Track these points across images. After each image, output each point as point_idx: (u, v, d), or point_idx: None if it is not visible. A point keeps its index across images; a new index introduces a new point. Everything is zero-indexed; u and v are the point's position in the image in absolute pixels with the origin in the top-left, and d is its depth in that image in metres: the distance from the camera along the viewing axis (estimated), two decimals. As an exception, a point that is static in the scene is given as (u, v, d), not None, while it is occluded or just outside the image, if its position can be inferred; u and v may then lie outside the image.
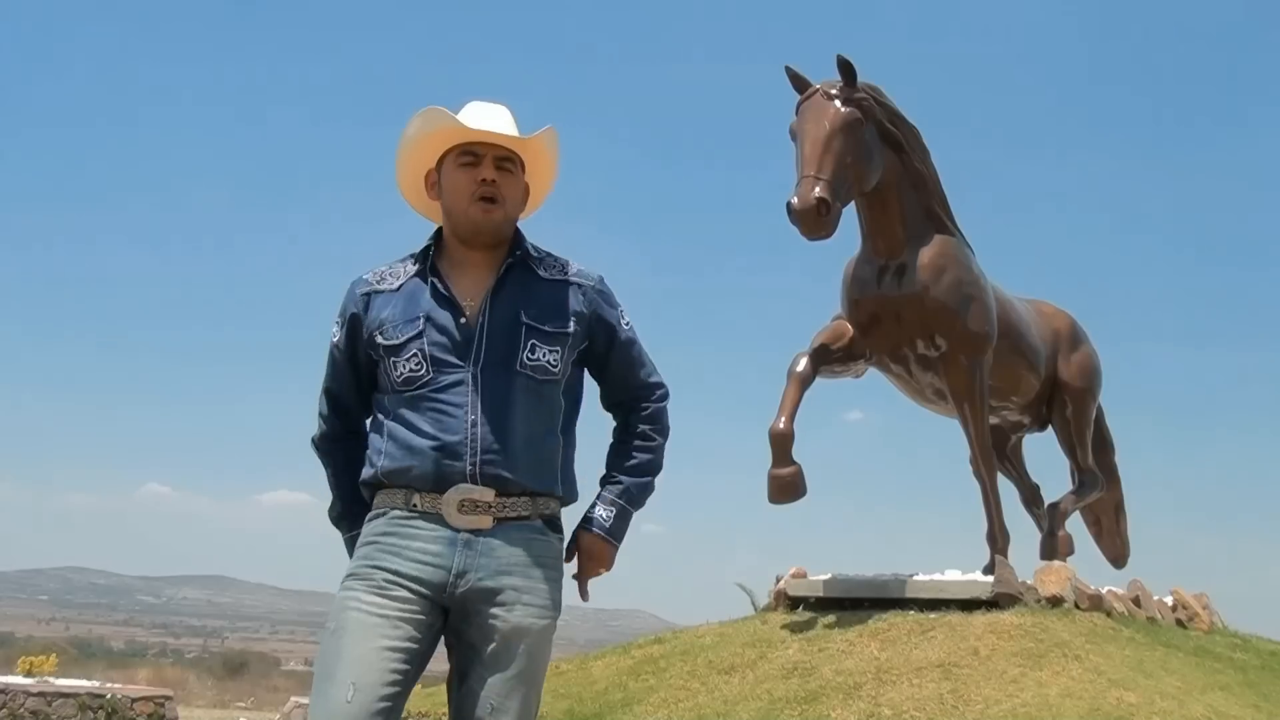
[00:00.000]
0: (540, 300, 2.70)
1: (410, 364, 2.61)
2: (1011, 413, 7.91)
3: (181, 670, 31.60)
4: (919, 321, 6.84)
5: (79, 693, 12.40)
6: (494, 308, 2.65)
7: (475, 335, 2.62)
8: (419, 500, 2.58)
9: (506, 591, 2.55)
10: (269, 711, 19.49)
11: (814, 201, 6.20)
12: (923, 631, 6.28)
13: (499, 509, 2.57)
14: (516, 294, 2.68)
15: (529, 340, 2.64)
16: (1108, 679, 5.42)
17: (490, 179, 2.68)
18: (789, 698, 5.71)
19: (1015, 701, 5.25)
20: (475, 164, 2.69)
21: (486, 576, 2.54)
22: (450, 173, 2.72)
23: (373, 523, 2.64)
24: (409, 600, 2.52)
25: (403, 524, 2.58)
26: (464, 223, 2.69)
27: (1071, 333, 8.09)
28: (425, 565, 2.54)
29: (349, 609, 2.53)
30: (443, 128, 2.71)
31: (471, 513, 2.56)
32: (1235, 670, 6.50)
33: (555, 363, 2.66)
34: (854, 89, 6.59)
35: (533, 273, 2.73)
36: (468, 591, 2.54)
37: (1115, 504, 8.78)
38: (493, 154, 2.70)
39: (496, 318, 2.64)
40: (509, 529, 2.58)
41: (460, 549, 2.54)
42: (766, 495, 6.72)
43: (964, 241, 7.14)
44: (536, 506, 2.63)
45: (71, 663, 21.42)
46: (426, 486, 2.57)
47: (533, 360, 2.63)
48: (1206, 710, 5.21)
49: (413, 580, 2.53)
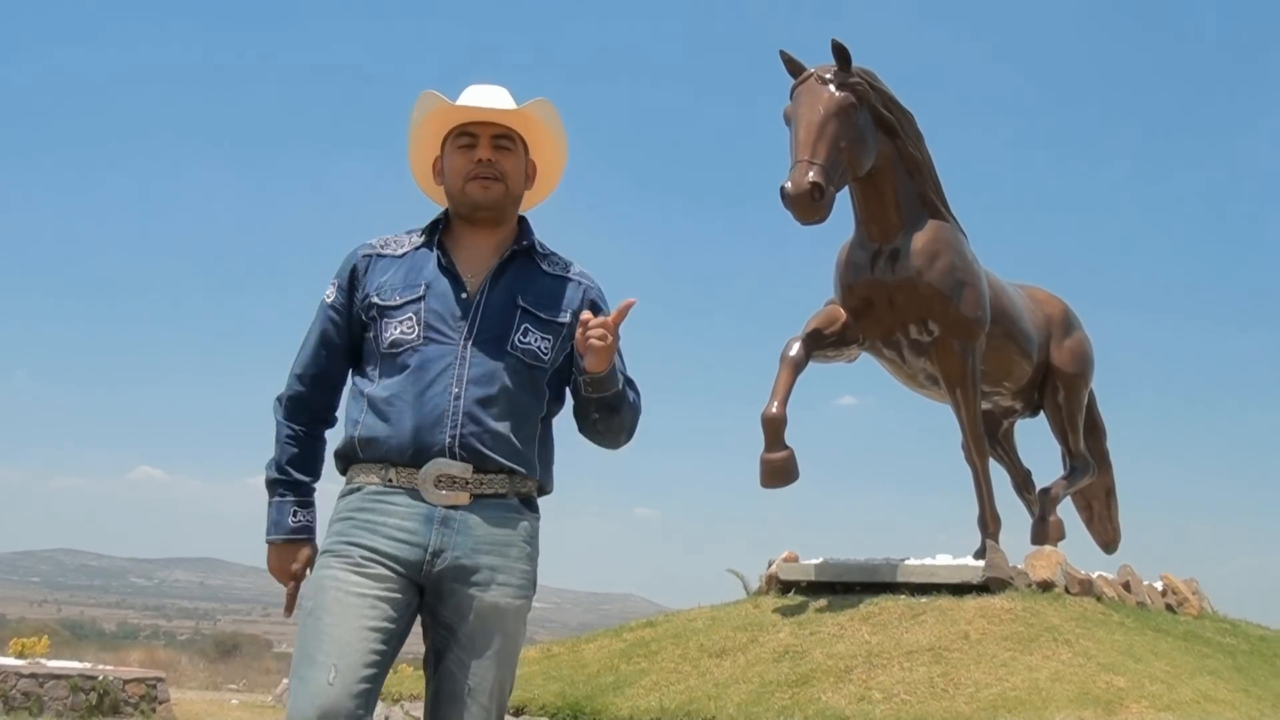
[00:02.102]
0: (539, 288, 2.70)
1: (402, 327, 2.59)
2: (1004, 398, 7.92)
3: (173, 652, 31.56)
4: (912, 306, 6.84)
5: (71, 674, 12.40)
6: (493, 287, 2.65)
7: (471, 310, 2.61)
8: (394, 475, 2.55)
9: (483, 571, 2.53)
10: (261, 693, 19.51)
11: (808, 186, 6.19)
12: (913, 615, 6.30)
13: (476, 485, 2.55)
14: (517, 278, 2.69)
15: (523, 323, 2.63)
16: (1097, 663, 5.44)
17: (486, 158, 2.68)
18: (780, 681, 5.73)
19: (1005, 685, 5.27)
20: (472, 145, 2.70)
21: (463, 555, 2.52)
22: (450, 155, 2.73)
23: (347, 498, 2.61)
24: (386, 579, 2.49)
25: (378, 499, 2.55)
26: (464, 201, 2.70)
27: (1064, 319, 8.10)
28: (402, 543, 2.51)
29: (326, 588, 2.50)
30: (436, 110, 2.72)
31: (449, 488, 2.53)
32: (1224, 655, 6.52)
33: (546, 350, 2.65)
34: (848, 73, 6.58)
35: (536, 264, 2.74)
36: (444, 570, 2.51)
37: (1106, 489, 8.80)
38: (489, 133, 2.70)
39: (494, 297, 2.64)
40: (486, 506, 2.56)
41: (437, 526, 2.52)
42: (759, 479, 6.72)
43: (958, 227, 7.13)
44: (514, 484, 2.60)
45: (63, 645, 21.42)
46: (403, 460, 2.54)
47: (524, 343, 2.62)
48: (1195, 694, 5.23)
49: (389, 558, 2.50)
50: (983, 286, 7.04)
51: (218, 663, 29.67)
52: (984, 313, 6.98)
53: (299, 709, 2.40)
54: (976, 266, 7.09)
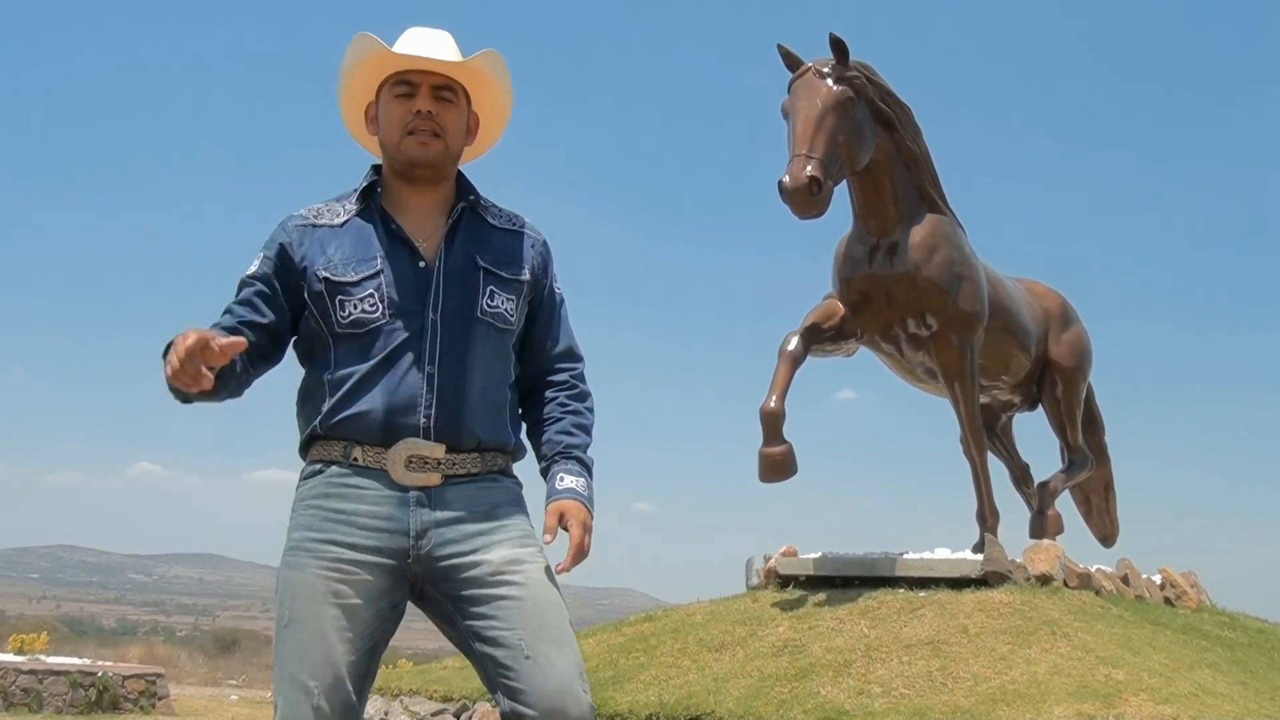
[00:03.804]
0: (494, 246, 2.54)
1: (364, 305, 2.41)
2: (1002, 392, 7.92)
3: (173, 648, 31.59)
4: (910, 300, 6.84)
5: (70, 670, 12.42)
6: (449, 250, 2.48)
7: (434, 279, 2.44)
8: (360, 454, 2.39)
9: (475, 538, 2.39)
10: (260, 689, 19.52)
11: (805, 180, 6.18)
12: (912, 609, 6.30)
13: (448, 466, 2.40)
14: (471, 238, 2.52)
15: (487, 285, 2.48)
16: (1096, 656, 5.45)
17: (426, 109, 2.47)
18: (779, 675, 5.73)
19: (1004, 679, 5.27)
20: (411, 95, 2.49)
21: (448, 531, 2.38)
22: (386, 104, 2.52)
23: (308, 482, 2.44)
24: (367, 578, 2.34)
25: (344, 483, 2.39)
26: (399, 157, 2.50)
27: (1062, 312, 8.10)
28: (380, 532, 2.35)
29: (300, 597, 2.35)
30: (372, 54, 2.50)
31: (419, 470, 2.38)
32: (1223, 648, 6.53)
33: (512, 311, 2.51)
34: (846, 67, 6.57)
35: (484, 220, 2.57)
36: (433, 550, 2.37)
37: (1104, 483, 8.80)
38: (429, 82, 2.49)
39: (453, 262, 2.47)
40: (459, 485, 2.42)
41: (413, 508, 2.37)
42: (757, 474, 6.71)
43: (956, 221, 7.13)
44: (485, 463, 2.46)
45: (63, 641, 21.45)
46: (372, 440, 2.39)
47: (492, 308, 2.47)
48: (1194, 687, 5.24)
49: (371, 552, 2.35)
50: (981, 280, 7.04)
51: (217, 658, 29.70)
52: (982, 306, 6.98)
53: None
54: (975, 260, 7.08)
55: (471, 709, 6.54)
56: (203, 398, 2.35)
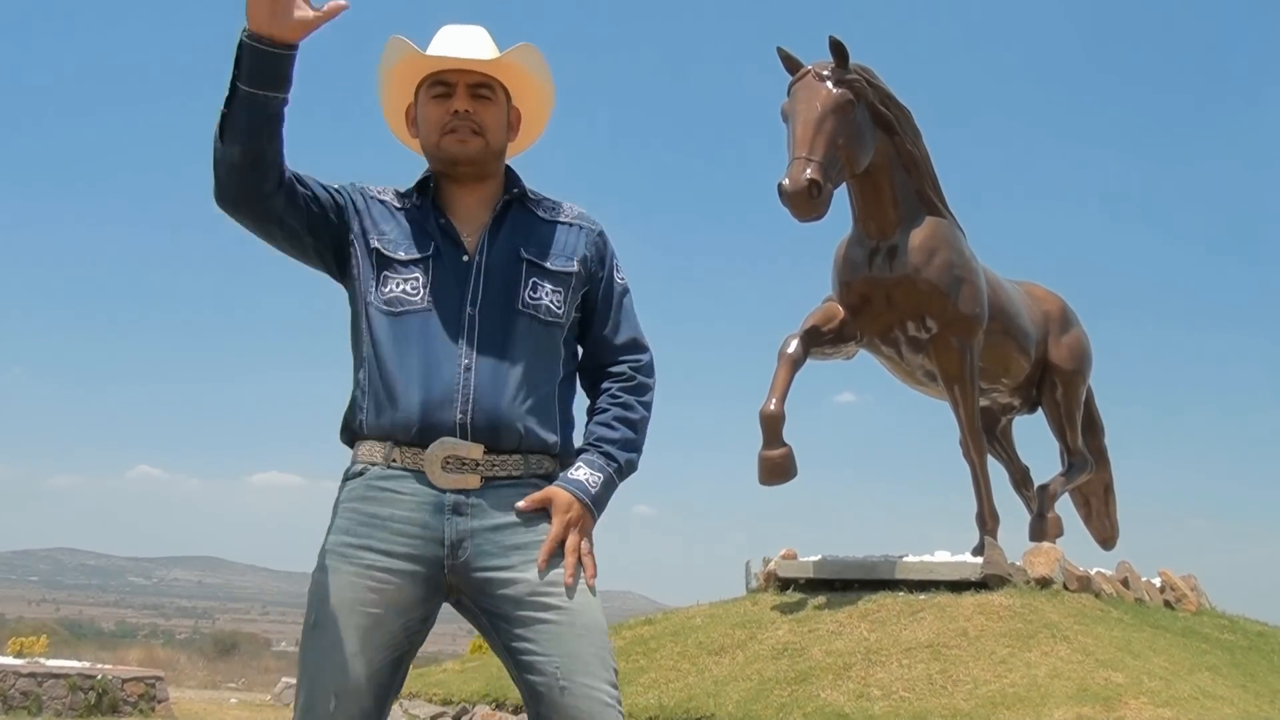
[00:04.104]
0: (541, 238, 2.47)
1: (406, 285, 2.37)
2: (1001, 395, 7.93)
3: (172, 651, 31.58)
4: (910, 303, 6.84)
5: (70, 673, 12.41)
6: (491, 244, 2.42)
7: (473, 271, 2.39)
8: (399, 455, 2.32)
9: (513, 553, 2.30)
10: (260, 692, 19.51)
11: (805, 183, 6.18)
12: (912, 612, 6.30)
13: (487, 467, 2.32)
14: (516, 229, 2.46)
15: (530, 278, 2.41)
16: (1096, 659, 5.45)
17: (463, 110, 2.43)
18: (779, 678, 5.73)
19: (1004, 682, 5.27)
20: (448, 95, 2.44)
21: (485, 542, 2.30)
22: (424, 106, 2.48)
23: (350, 484, 2.38)
24: (400, 589, 2.28)
25: (381, 487, 2.33)
26: (440, 157, 2.46)
27: (1062, 315, 8.10)
28: (415, 539, 2.29)
29: (329, 601, 2.29)
30: (406, 58, 2.46)
31: (457, 471, 2.30)
32: (1222, 651, 6.53)
33: (559, 304, 2.42)
34: (846, 70, 6.57)
35: (531, 212, 2.51)
36: (469, 560, 2.29)
37: (1104, 486, 8.80)
38: (465, 81, 2.44)
39: (495, 254, 2.41)
40: (500, 489, 2.33)
41: (449, 516, 2.29)
42: (757, 477, 6.71)
43: (955, 224, 7.13)
44: (529, 465, 2.37)
45: (62, 644, 21.44)
46: (408, 439, 2.32)
47: (534, 299, 2.39)
48: (1194, 690, 5.23)
49: (406, 559, 2.29)
50: (980, 283, 7.04)
51: (216, 661, 29.70)
52: (982, 309, 6.98)
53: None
54: (974, 263, 7.09)
55: (471, 712, 6.53)
56: (268, 133, 2.24)
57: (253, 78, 2.19)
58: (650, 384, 2.57)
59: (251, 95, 2.20)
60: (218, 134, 2.24)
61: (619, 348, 2.55)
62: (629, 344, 2.56)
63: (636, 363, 2.56)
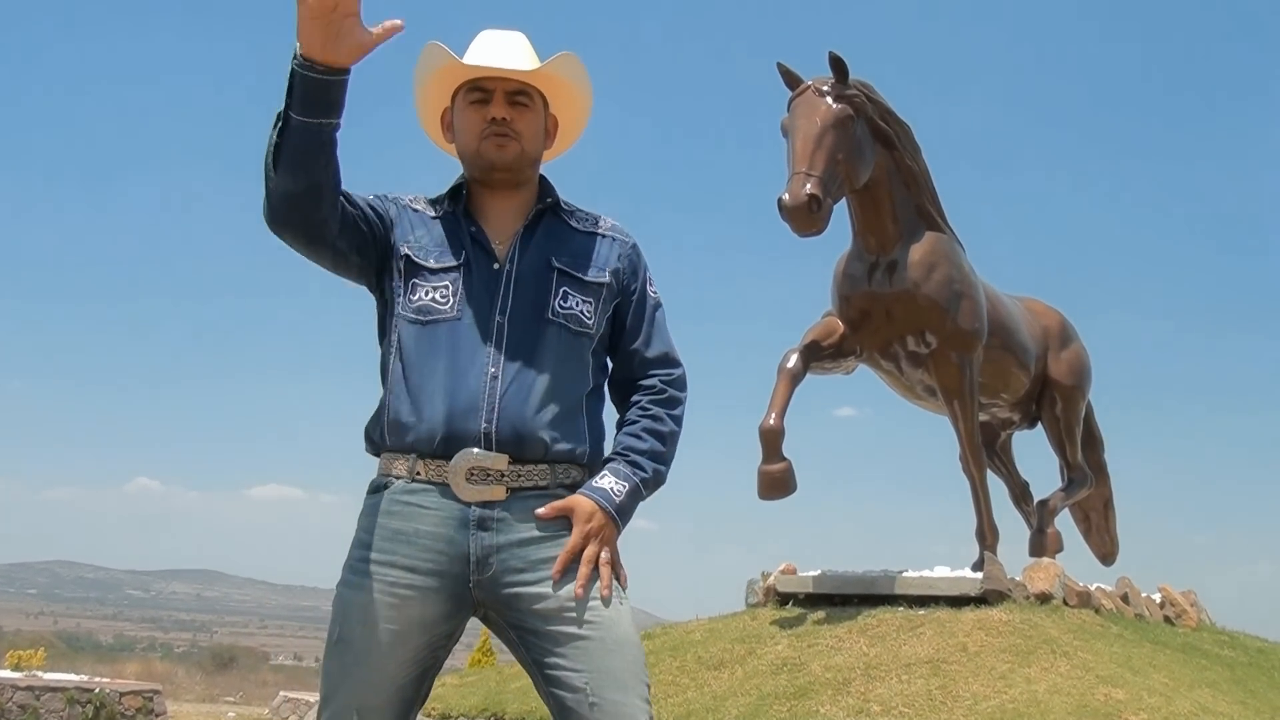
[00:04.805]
0: (574, 247, 2.45)
1: (436, 294, 2.35)
2: (1001, 410, 7.93)
3: (170, 665, 31.52)
4: (909, 318, 6.85)
5: (67, 687, 12.39)
6: (523, 251, 2.40)
7: (503, 279, 2.36)
8: (423, 468, 2.29)
9: (542, 567, 2.25)
10: (258, 706, 19.46)
11: (805, 198, 6.19)
12: (912, 628, 6.29)
13: (513, 478, 2.28)
14: (548, 238, 2.44)
15: (560, 287, 2.38)
16: (1096, 675, 5.44)
17: (500, 117, 2.40)
18: (778, 694, 5.72)
19: (1004, 698, 5.26)
20: (486, 101, 2.42)
21: (511, 557, 2.26)
22: (461, 111, 2.46)
23: (373, 497, 2.35)
24: (424, 605, 2.26)
25: (405, 500, 2.30)
26: (477, 162, 2.44)
27: (1061, 331, 8.11)
28: (440, 554, 2.26)
29: (351, 616, 2.27)
30: (444, 66, 2.44)
31: (481, 482, 2.26)
32: (1222, 667, 6.52)
33: (589, 314, 2.39)
34: (845, 86, 6.59)
35: (564, 222, 2.49)
36: (496, 577, 2.25)
37: (1104, 501, 8.80)
38: (504, 88, 2.42)
39: (526, 263, 2.39)
40: (525, 498, 2.29)
41: (474, 531, 2.26)
42: (757, 491, 6.71)
43: (955, 238, 7.14)
44: (556, 475, 2.33)
45: (60, 657, 21.41)
46: (431, 450, 2.28)
47: (565, 309, 2.36)
48: (1194, 707, 5.22)
49: (430, 575, 2.26)
50: (980, 298, 7.05)
51: (214, 675, 29.64)
52: (981, 324, 6.98)
53: None
54: (974, 278, 7.09)
55: (469, 727, 6.52)
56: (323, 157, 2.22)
57: (306, 106, 2.16)
58: (681, 398, 2.52)
59: (305, 124, 2.17)
60: (270, 163, 2.21)
61: (650, 361, 2.51)
62: (660, 358, 2.52)
63: (668, 376, 2.52)
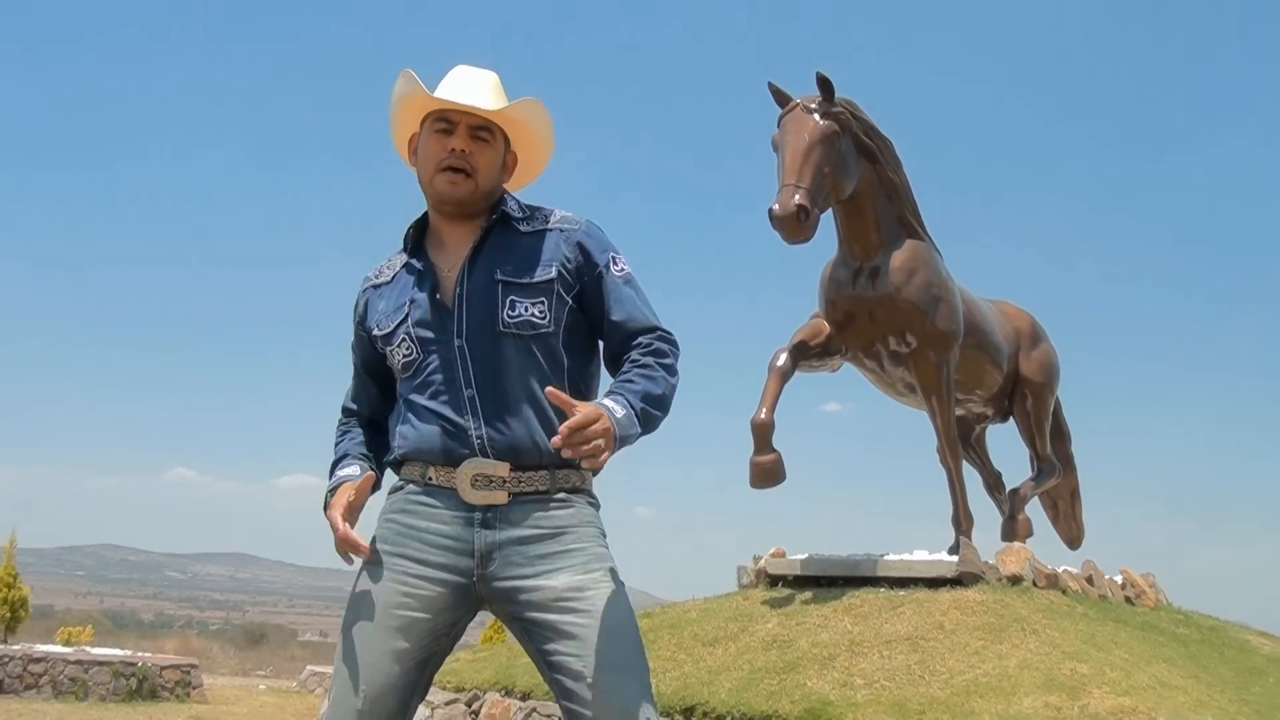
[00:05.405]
0: (517, 255, 2.37)
1: (402, 350, 2.36)
2: (976, 405, 7.91)
3: (206, 641, 31.52)
4: (891, 320, 6.83)
5: (113, 661, 12.42)
6: (470, 273, 2.36)
7: (454, 305, 2.34)
8: (434, 473, 2.31)
9: (539, 562, 2.26)
10: (287, 679, 19.45)
11: (794, 208, 6.17)
12: (892, 607, 6.27)
13: (514, 484, 2.28)
14: (494, 253, 2.38)
15: (507, 297, 2.32)
16: (1062, 651, 5.42)
17: (460, 149, 2.37)
18: (768, 668, 5.70)
19: (977, 672, 5.24)
20: (449, 132, 2.39)
21: (512, 553, 2.27)
22: (425, 138, 2.43)
23: (392, 497, 2.40)
24: (432, 596, 2.28)
25: (418, 502, 2.33)
26: (431, 192, 2.42)
27: (1032, 331, 8.09)
28: (448, 550, 2.28)
29: (364, 603, 2.29)
30: (414, 94, 2.41)
31: (485, 488, 2.27)
32: (1178, 644, 6.50)
33: (541, 314, 2.33)
34: (832, 104, 6.57)
35: (514, 230, 2.42)
36: (497, 571, 2.27)
37: (1071, 490, 8.78)
38: (467, 122, 2.39)
39: (474, 282, 2.35)
40: (527, 503, 2.29)
41: (479, 529, 2.27)
42: (749, 480, 6.69)
43: (933, 246, 7.12)
44: (556, 480, 2.31)
45: (106, 633, 21.41)
46: (439, 461, 2.31)
47: (514, 317, 2.31)
48: (1151, 680, 5.21)
49: (439, 569, 2.28)
50: (956, 302, 7.03)
51: (246, 650, 29.64)
52: (958, 326, 6.97)
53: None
54: (951, 283, 7.08)
55: (482, 698, 6.51)
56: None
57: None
58: (668, 351, 2.38)
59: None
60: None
61: (632, 332, 2.39)
62: (641, 327, 2.39)
63: (651, 337, 2.38)
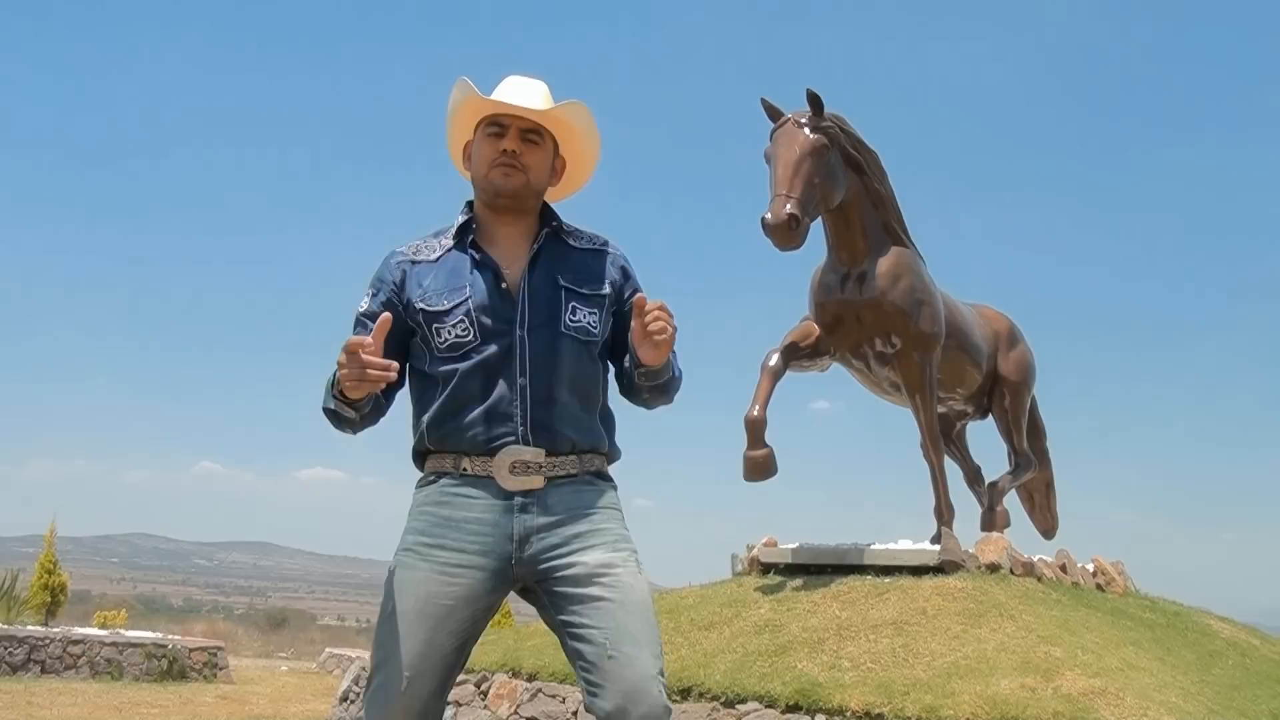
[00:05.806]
0: (575, 266, 2.48)
1: (456, 329, 2.37)
2: (957, 403, 7.92)
3: (231, 625, 31.51)
4: (877, 323, 6.84)
5: (145, 643, 12.47)
6: (533, 273, 2.43)
7: (518, 300, 2.39)
8: (469, 464, 2.34)
9: (573, 541, 2.32)
10: (307, 661, 19.49)
11: (785, 217, 6.19)
12: (878, 594, 6.29)
13: (549, 469, 2.34)
14: (553, 260, 2.46)
15: (569, 302, 2.42)
16: (1037, 635, 5.44)
17: (512, 149, 2.44)
18: (761, 651, 5.73)
19: (958, 655, 5.26)
20: (501, 135, 2.46)
21: (548, 534, 2.32)
22: (479, 142, 2.50)
23: (423, 490, 2.40)
24: (469, 583, 2.30)
25: (455, 492, 2.35)
26: (487, 188, 2.47)
27: (1010, 333, 8.10)
28: (486, 538, 2.31)
29: (405, 592, 2.30)
30: (468, 99, 2.48)
31: (523, 474, 2.32)
32: (1145, 628, 6.51)
33: (595, 324, 2.44)
34: (821, 118, 6.59)
35: (565, 243, 2.51)
36: (535, 553, 2.31)
37: (1046, 483, 8.79)
38: (518, 125, 2.45)
39: (536, 282, 2.42)
40: (560, 486, 2.35)
41: (516, 514, 2.31)
42: (742, 474, 6.71)
43: (917, 253, 7.14)
44: (583, 464, 2.39)
45: (138, 617, 21.43)
46: (477, 450, 2.34)
47: (575, 322, 2.41)
48: (1120, 662, 5.23)
49: (477, 555, 2.31)
50: (939, 305, 7.04)
51: (269, 634, 29.66)
52: (940, 328, 6.98)
53: (374, 713, 2.27)
54: (933, 288, 7.09)
55: (490, 679, 6.52)
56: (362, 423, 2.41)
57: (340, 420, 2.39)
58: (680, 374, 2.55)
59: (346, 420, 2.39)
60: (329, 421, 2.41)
61: None
62: None
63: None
